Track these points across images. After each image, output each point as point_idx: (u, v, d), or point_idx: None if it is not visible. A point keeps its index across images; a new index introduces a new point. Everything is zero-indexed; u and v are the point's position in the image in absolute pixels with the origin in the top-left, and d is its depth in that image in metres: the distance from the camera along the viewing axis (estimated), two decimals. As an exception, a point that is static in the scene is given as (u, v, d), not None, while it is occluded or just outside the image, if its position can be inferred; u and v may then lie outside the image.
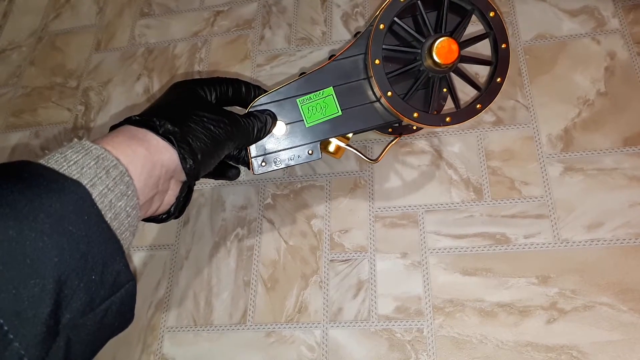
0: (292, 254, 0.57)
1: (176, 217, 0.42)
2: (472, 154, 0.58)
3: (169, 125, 0.37)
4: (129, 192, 0.32)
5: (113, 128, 0.38)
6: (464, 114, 0.48)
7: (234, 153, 0.50)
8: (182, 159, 0.38)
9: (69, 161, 0.30)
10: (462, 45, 0.46)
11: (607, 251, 0.51)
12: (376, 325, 0.52)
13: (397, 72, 0.48)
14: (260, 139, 0.48)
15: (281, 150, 0.50)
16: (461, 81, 0.51)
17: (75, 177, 0.29)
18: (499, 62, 0.48)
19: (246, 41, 0.72)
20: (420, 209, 0.56)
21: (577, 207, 0.53)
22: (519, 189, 0.55)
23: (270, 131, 0.49)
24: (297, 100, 0.50)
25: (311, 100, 0.50)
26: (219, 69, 0.71)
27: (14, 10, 0.87)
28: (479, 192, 0.56)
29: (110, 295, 0.30)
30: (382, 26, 0.46)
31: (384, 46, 0.47)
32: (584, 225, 0.52)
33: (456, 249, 0.54)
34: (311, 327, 0.53)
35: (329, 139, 0.51)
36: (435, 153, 0.59)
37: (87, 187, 0.29)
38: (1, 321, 0.23)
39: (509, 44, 0.47)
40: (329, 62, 0.49)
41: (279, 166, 0.50)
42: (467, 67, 0.62)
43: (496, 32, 0.47)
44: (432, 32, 0.47)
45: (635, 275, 0.49)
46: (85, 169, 0.30)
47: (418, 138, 0.60)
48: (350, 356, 0.51)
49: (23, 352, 0.24)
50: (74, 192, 0.28)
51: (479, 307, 0.51)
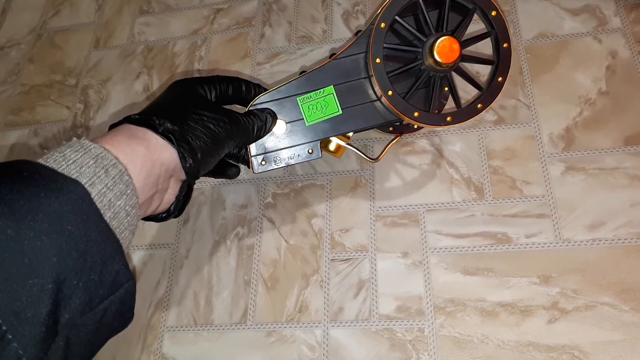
0: (292, 253, 0.57)
1: (176, 216, 0.42)
2: (473, 153, 0.58)
3: (168, 124, 0.37)
4: (128, 191, 0.32)
5: (112, 127, 0.38)
6: (464, 113, 0.47)
7: (234, 151, 0.50)
8: (182, 157, 0.37)
9: (68, 160, 0.30)
10: (463, 45, 0.46)
11: (608, 251, 0.51)
12: (377, 325, 0.52)
13: (398, 71, 0.48)
14: (260, 137, 0.48)
15: (281, 149, 0.50)
16: (462, 80, 0.50)
17: (74, 177, 0.29)
18: (500, 62, 0.47)
19: (246, 39, 0.72)
20: (421, 208, 0.56)
21: (579, 207, 0.53)
22: (521, 188, 0.55)
23: (271, 130, 0.49)
24: (298, 99, 0.49)
25: (311, 99, 0.49)
26: (219, 67, 0.71)
27: (12, 7, 0.86)
28: (480, 192, 0.56)
29: (109, 294, 0.29)
30: (383, 25, 0.46)
31: (384, 45, 0.46)
32: (585, 225, 0.52)
33: (457, 248, 0.53)
34: (312, 326, 0.53)
35: (330, 138, 0.51)
36: (436, 152, 0.59)
37: (86, 186, 0.29)
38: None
39: (510, 43, 0.47)
40: (330, 61, 0.49)
41: (279, 165, 0.50)
42: (468, 66, 0.61)
43: (498, 32, 0.47)
44: (433, 31, 0.46)
45: (636, 275, 0.49)
46: (84, 168, 0.30)
47: (419, 137, 0.60)
48: (351, 356, 0.51)
49: (22, 352, 0.24)
50: (72, 192, 0.28)
51: (480, 306, 0.50)
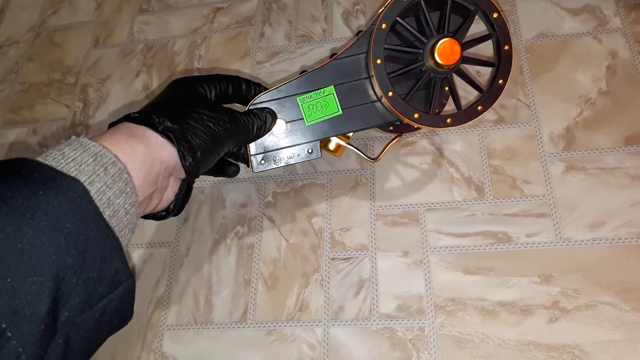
0: (292, 252, 0.57)
1: (175, 215, 0.42)
2: (473, 153, 0.58)
3: (168, 123, 0.37)
4: (128, 190, 0.32)
5: (112, 125, 0.38)
6: (465, 115, 0.47)
7: (234, 150, 0.50)
8: (182, 156, 0.37)
9: (67, 158, 0.30)
10: (464, 47, 0.46)
11: (609, 250, 0.51)
12: (377, 324, 0.52)
13: (398, 72, 0.48)
14: (260, 136, 0.48)
15: (281, 149, 0.49)
16: (462, 80, 0.50)
17: (73, 175, 0.29)
18: (501, 64, 0.47)
19: (246, 38, 0.72)
20: (421, 207, 0.56)
21: (579, 206, 0.53)
22: (521, 187, 0.55)
23: (270, 129, 0.49)
24: (298, 99, 0.49)
25: (312, 99, 0.49)
26: (219, 66, 0.71)
27: (11, 5, 0.86)
28: (480, 191, 0.56)
29: (108, 292, 0.29)
30: (384, 25, 0.46)
31: (385, 46, 0.46)
32: (585, 225, 0.52)
33: (458, 247, 0.53)
34: (312, 325, 0.53)
35: (330, 137, 0.51)
36: (437, 151, 0.59)
37: (85, 184, 0.29)
38: None
39: (511, 45, 0.47)
40: (330, 61, 0.49)
41: (279, 164, 0.50)
42: (468, 66, 0.61)
43: (499, 34, 0.47)
44: (434, 32, 0.46)
45: (637, 274, 0.49)
46: (83, 166, 0.30)
47: (419, 137, 0.60)
48: (352, 355, 0.51)
49: (21, 350, 0.24)
50: (71, 190, 0.28)
51: (481, 306, 0.50)
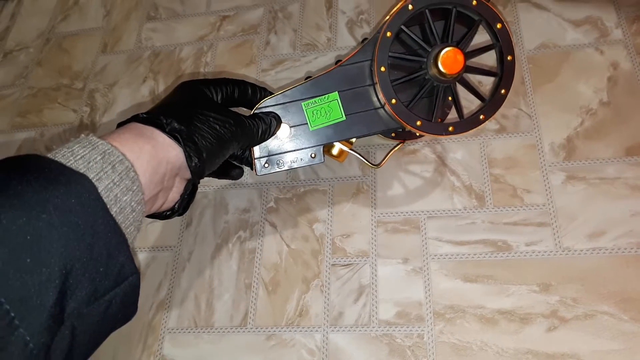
0: (293, 258, 0.57)
1: (180, 214, 0.43)
2: (474, 161, 0.58)
3: (175, 124, 0.38)
4: (134, 187, 0.32)
5: (120, 125, 0.38)
6: (467, 124, 0.48)
7: (238, 153, 0.51)
8: (188, 157, 0.38)
9: (76, 155, 0.31)
10: (467, 56, 0.46)
11: (608, 260, 0.51)
12: (377, 330, 0.52)
13: (402, 80, 0.48)
14: (264, 140, 0.49)
15: (284, 153, 0.50)
16: (465, 89, 0.51)
17: (81, 171, 0.30)
18: (504, 74, 0.48)
19: (252, 46, 0.73)
20: (422, 214, 0.57)
21: (579, 216, 0.53)
22: (521, 196, 0.55)
23: (275, 133, 0.49)
24: (302, 104, 0.50)
25: (316, 104, 0.50)
26: (225, 73, 0.71)
27: (22, 11, 0.88)
28: (481, 199, 0.56)
29: (114, 286, 0.30)
30: (389, 34, 0.46)
31: (390, 53, 0.47)
32: (585, 234, 0.52)
33: (458, 255, 0.54)
34: (312, 331, 0.53)
35: (333, 143, 0.51)
36: (438, 160, 0.59)
37: (93, 180, 0.29)
38: (7, 307, 0.24)
39: (514, 56, 0.48)
40: (335, 67, 0.50)
41: (282, 168, 0.50)
42: (471, 75, 0.62)
43: (502, 44, 0.48)
44: (438, 41, 0.47)
45: (636, 284, 0.49)
46: (91, 163, 0.31)
47: (421, 145, 0.60)
48: (350, 360, 0.51)
49: (28, 339, 0.25)
50: (80, 185, 0.29)
51: (480, 313, 0.51)
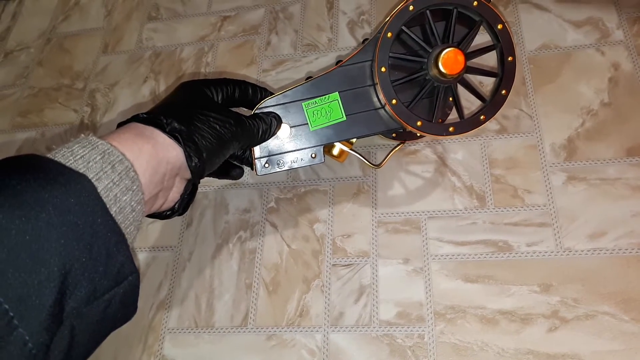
0: (294, 258, 0.57)
1: (180, 214, 0.42)
2: (475, 162, 0.58)
3: (175, 124, 0.38)
4: (134, 187, 0.32)
5: (120, 125, 0.38)
6: (467, 124, 0.48)
7: (239, 153, 0.51)
8: (188, 157, 0.38)
9: (76, 155, 0.31)
10: (468, 57, 0.46)
11: (609, 261, 0.51)
12: (377, 331, 0.52)
13: (402, 80, 0.48)
14: (264, 140, 0.49)
15: (285, 153, 0.50)
16: (466, 90, 0.51)
17: (81, 171, 0.30)
18: (504, 75, 0.48)
19: (252, 46, 0.73)
20: (423, 215, 0.56)
21: (580, 216, 0.53)
22: (522, 197, 0.55)
23: (275, 133, 0.49)
24: (303, 104, 0.50)
25: (316, 105, 0.50)
26: (226, 73, 0.71)
27: (23, 11, 0.88)
28: (482, 200, 0.56)
29: (113, 286, 0.30)
30: (389, 34, 0.46)
31: (390, 54, 0.47)
32: (586, 235, 0.52)
33: (458, 255, 0.54)
34: (312, 331, 0.53)
35: (334, 143, 0.51)
36: (439, 160, 0.59)
37: (92, 180, 0.29)
38: (6, 307, 0.24)
39: (515, 57, 0.47)
40: (336, 68, 0.50)
41: (282, 168, 0.50)
42: (472, 76, 0.62)
43: (503, 45, 0.47)
44: (439, 42, 0.47)
45: (637, 285, 0.49)
46: (91, 163, 0.30)
47: (422, 145, 0.60)
48: (351, 361, 0.51)
49: (27, 338, 0.24)
50: (79, 185, 0.29)
51: (481, 314, 0.51)
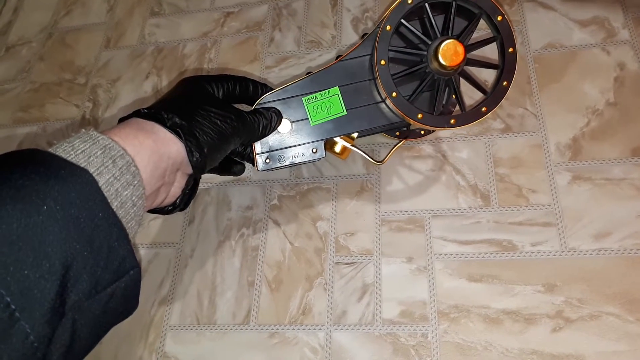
0: (297, 256, 0.57)
1: (181, 209, 0.42)
2: (480, 161, 0.58)
3: (176, 119, 0.37)
4: (135, 182, 0.32)
5: (121, 120, 0.38)
6: (468, 116, 0.47)
7: (239, 149, 0.50)
8: (189, 152, 0.38)
9: (77, 150, 0.30)
10: (468, 49, 0.46)
11: (614, 261, 0.50)
12: (380, 329, 0.52)
13: (402, 74, 0.48)
14: (265, 135, 0.48)
15: (286, 148, 0.50)
16: (469, 85, 0.50)
17: (82, 166, 0.29)
18: (505, 66, 0.47)
19: (256, 43, 0.72)
20: (427, 213, 0.56)
21: (585, 216, 0.53)
22: (527, 196, 0.55)
23: (276, 129, 0.49)
24: (303, 99, 0.50)
25: (317, 99, 0.50)
26: (228, 69, 0.71)
27: (24, 6, 0.87)
28: (486, 199, 0.56)
29: (115, 280, 0.30)
30: (388, 27, 0.46)
31: (390, 47, 0.47)
32: (591, 235, 0.52)
33: (462, 254, 0.53)
34: (315, 329, 0.53)
35: (335, 140, 0.51)
36: (443, 158, 0.59)
37: (93, 175, 0.29)
38: (8, 299, 0.24)
39: (515, 48, 0.47)
40: (336, 62, 0.50)
41: (283, 164, 0.50)
42: (477, 75, 0.61)
43: (503, 36, 0.47)
44: (439, 34, 0.47)
45: (642, 285, 0.49)
46: (92, 157, 0.30)
47: (426, 144, 0.60)
48: (353, 360, 0.51)
49: (29, 331, 0.24)
50: (81, 180, 0.28)
51: (485, 313, 0.50)
